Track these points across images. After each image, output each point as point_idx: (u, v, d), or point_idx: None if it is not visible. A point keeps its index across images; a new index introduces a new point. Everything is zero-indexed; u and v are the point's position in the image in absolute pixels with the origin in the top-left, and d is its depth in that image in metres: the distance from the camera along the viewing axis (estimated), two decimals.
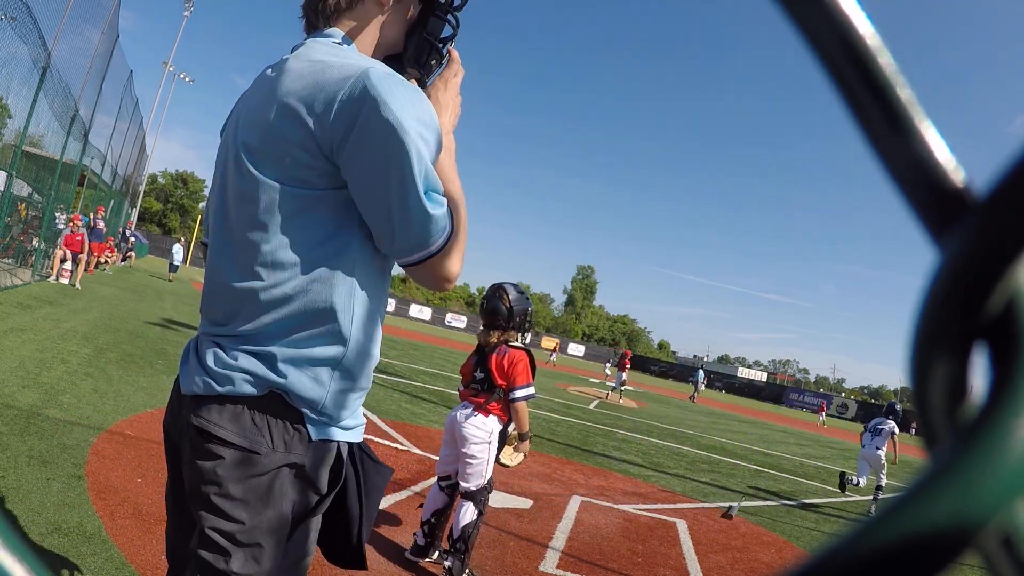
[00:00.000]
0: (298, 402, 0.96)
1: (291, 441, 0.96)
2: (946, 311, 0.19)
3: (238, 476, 0.94)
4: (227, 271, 0.99)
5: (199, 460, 0.95)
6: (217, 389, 0.95)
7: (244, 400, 0.95)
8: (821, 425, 28.60)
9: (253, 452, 0.94)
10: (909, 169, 0.21)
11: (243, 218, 0.97)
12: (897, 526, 0.17)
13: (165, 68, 43.31)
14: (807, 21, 0.22)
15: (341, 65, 0.93)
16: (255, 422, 0.95)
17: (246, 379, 0.94)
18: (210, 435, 0.94)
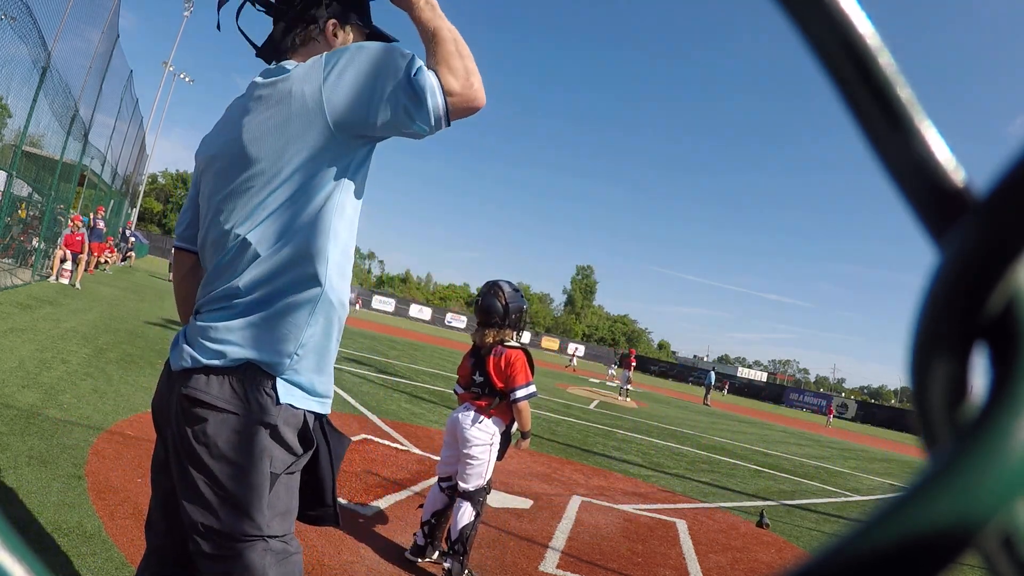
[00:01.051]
0: (269, 368, 1.09)
1: (265, 404, 1.09)
2: (946, 311, 0.19)
3: (222, 434, 1.07)
4: (215, 254, 1.15)
5: (188, 424, 1.09)
6: (202, 361, 1.09)
7: (224, 370, 1.09)
8: (827, 426, 28.63)
9: (232, 413, 1.07)
10: (909, 169, 0.21)
11: (226, 204, 1.14)
12: (897, 526, 0.17)
13: (165, 68, 43.29)
14: (807, 21, 0.22)
15: (303, 65, 1.15)
16: (233, 387, 1.08)
17: (224, 351, 1.08)
18: (197, 400, 1.08)
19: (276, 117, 1.10)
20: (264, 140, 1.11)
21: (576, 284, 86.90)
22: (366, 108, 1.07)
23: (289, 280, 1.10)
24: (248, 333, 1.09)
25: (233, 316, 1.10)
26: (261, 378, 1.09)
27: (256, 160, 1.11)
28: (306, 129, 1.08)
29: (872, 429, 40.48)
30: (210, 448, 1.07)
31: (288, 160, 1.09)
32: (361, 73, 1.08)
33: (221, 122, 1.27)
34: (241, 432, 1.07)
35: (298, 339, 1.11)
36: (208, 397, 1.07)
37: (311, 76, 1.10)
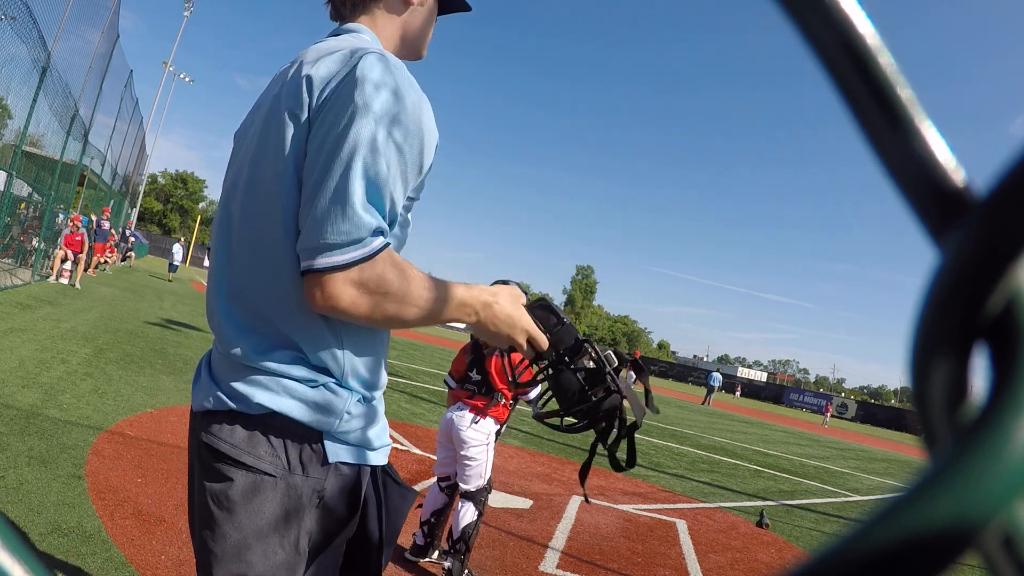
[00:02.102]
0: (314, 422, 0.87)
1: (308, 462, 0.87)
2: (946, 311, 0.19)
3: (247, 499, 0.85)
4: (228, 277, 0.93)
5: (207, 480, 0.87)
6: (229, 404, 0.87)
7: (258, 417, 0.86)
8: (824, 425, 28.64)
9: (266, 474, 0.85)
10: (909, 169, 0.21)
11: (247, 220, 0.91)
12: (897, 526, 0.17)
13: (165, 68, 43.30)
14: (807, 21, 0.22)
15: (345, 48, 0.89)
16: (270, 441, 0.86)
17: (259, 394, 0.86)
18: (220, 453, 0.86)
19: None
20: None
21: (576, 284, 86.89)
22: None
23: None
24: (288, 385, 0.87)
25: (266, 346, 0.89)
26: (304, 429, 0.87)
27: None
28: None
29: (872, 429, 40.47)
30: (232, 515, 0.85)
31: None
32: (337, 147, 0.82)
33: (260, 96, 1.04)
34: (272, 499, 0.85)
35: (345, 383, 0.90)
36: (233, 451, 0.85)
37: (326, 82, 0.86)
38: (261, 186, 0.88)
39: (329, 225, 0.79)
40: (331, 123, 0.82)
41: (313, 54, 0.90)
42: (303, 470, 0.87)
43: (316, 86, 0.84)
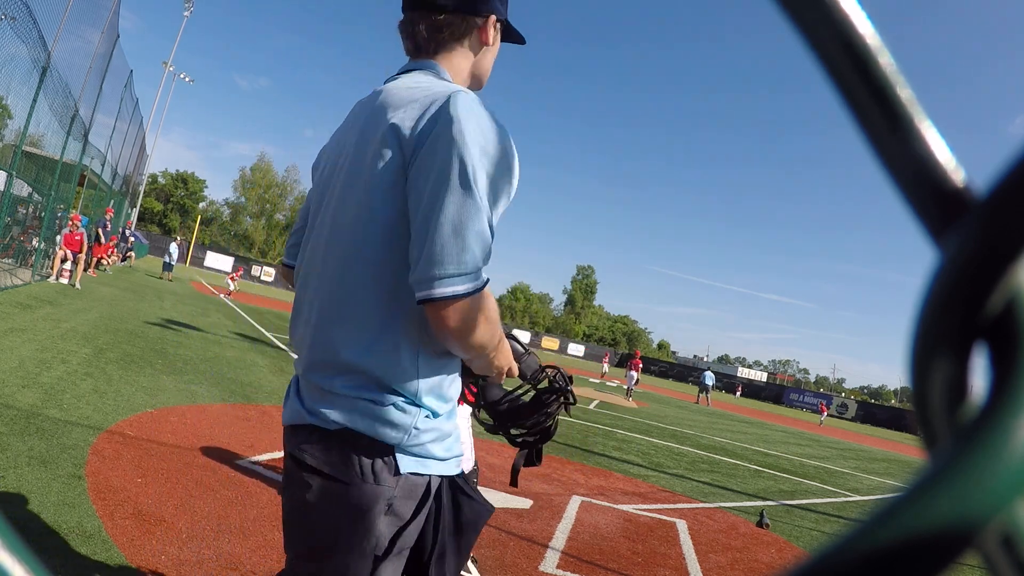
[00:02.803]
0: (384, 436, 0.93)
1: (379, 472, 0.93)
2: (946, 311, 0.19)
3: (324, 506, 0.93)
4: (317, 304, 0.99)
5: (292, 488, 0.97)
6: (307, 419, 0.96)
7: (335, 432, 0.94)
8: (820, 425, 28.65)
9: (340, 482, 0.93)
10: (909, 169, 0.21)
11: (336, 249, 0.97)
12: (897, 526, 0.17)
13: (165, 68, 43.29)
14: (807, 21, 0.22)
15: (433, 87, 0.95)
16: (344, 453, 0.93)
17: (334, 413, 0.93)
18: (304, 463, 0.95)
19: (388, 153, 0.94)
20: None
21: (576, 284, 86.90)
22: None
23: (407, 320, 0.98)
24: (367, 406, 0.94)
25: (346, 368, 0.97)
26: (376, 442, 0.94)
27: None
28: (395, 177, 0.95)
29: (872, 429, 40.46)
30: (311, 519, 0.94)
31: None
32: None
33: (345, 126, 1.09)
34: (346, 506, 0.92)
35: (427, 406, 0.97)
36: (317, 462, 0.94)
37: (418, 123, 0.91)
38: (352, 222, 0.94)
39: (446, 258, 0.86)
40: (433, 163, 0.88)
41: (397, 97, 0.96)
42: (375, 479, 0.93)
43: (408, 130, 0.90)
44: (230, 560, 2.38)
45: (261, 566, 2.39)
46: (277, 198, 68.42)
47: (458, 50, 1.08)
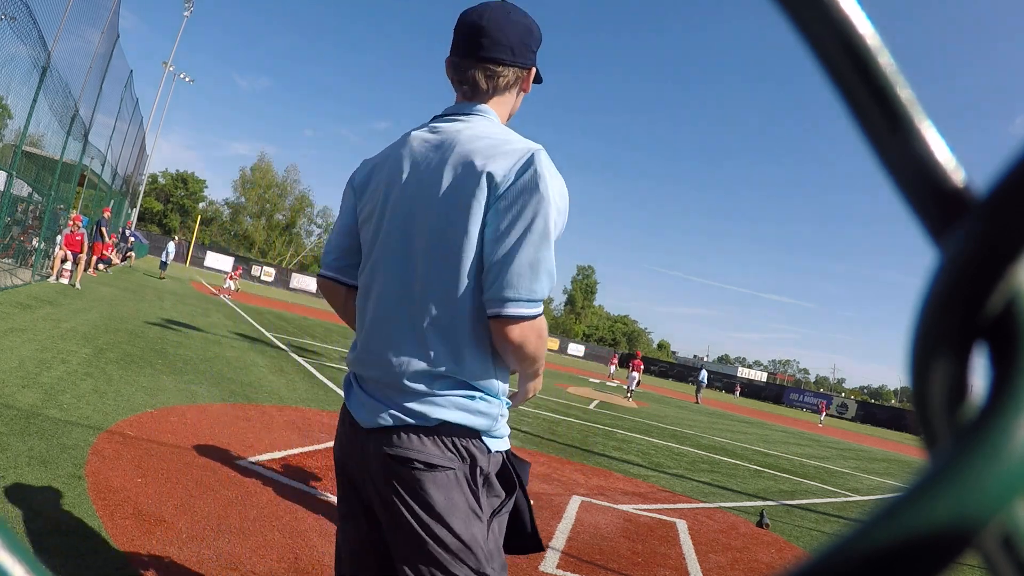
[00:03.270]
0: (478, 424, 1.11)
1: (477, 456, 1.11)
2: (946, 311, 0.19)
3: (441, 491, 1.07)
4: (406, 318, 1.12)
5: (400, 484, 1.09)
6: (409, 421, 1.09)
7: (434, 427, 1.09)
8: (819, 425, 28.64)
9: (449, 468, 1.08)
10: (909, 169, 0.21)
11: (426, 269, 1.10)
12: (897, 526, 0.17)
13: (165, 68, 43.29)
14: (807, 21, 0.22)
15: (515, 140, 1.13)
16: (445, 444, 1.09)
17: (433, 413, 1.08)
18: (407, 459, 1.08)
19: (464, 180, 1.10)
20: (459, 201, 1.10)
21: (576, 284, 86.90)
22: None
23: (484, 331, 1.13)
24: (459, 400, 1.10)
25: (434, 380, 1.10)
26: (467, 430, 1.11)
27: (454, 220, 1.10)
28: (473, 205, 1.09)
29: (872, 429, 40.45)
30: (431, 506, 1.07)
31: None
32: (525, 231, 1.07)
33: (406, 153, 1.19)
34: (459, 486, 1.09)
35: (501, 398, 1.17)
36: (422, 455, 1.08)
37: (498, 167, 1.08)
38: (442, 252, 1.09)
39: (521, 285, 1.05)
40: (520, 210, 1.06)
41: (481, 145, 1.11)
42: (472, 459, 1.10)
43: (500, 178, 1.07)
44: (230, 560, 2.38)
45: (261, 566, 2.39)
46: (277, 198, 68.42)
47: (506, 96, 1.24)
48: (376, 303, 1.17)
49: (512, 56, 1.19)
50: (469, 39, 1.19)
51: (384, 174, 1.21)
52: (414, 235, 1.12)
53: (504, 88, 1.22)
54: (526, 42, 1.21)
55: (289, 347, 10.00)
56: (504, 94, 1.23)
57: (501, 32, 1.18)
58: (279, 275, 53.26)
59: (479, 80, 1.19)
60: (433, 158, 1.14)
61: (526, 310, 1.06)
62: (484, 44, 1.18)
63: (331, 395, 6.53)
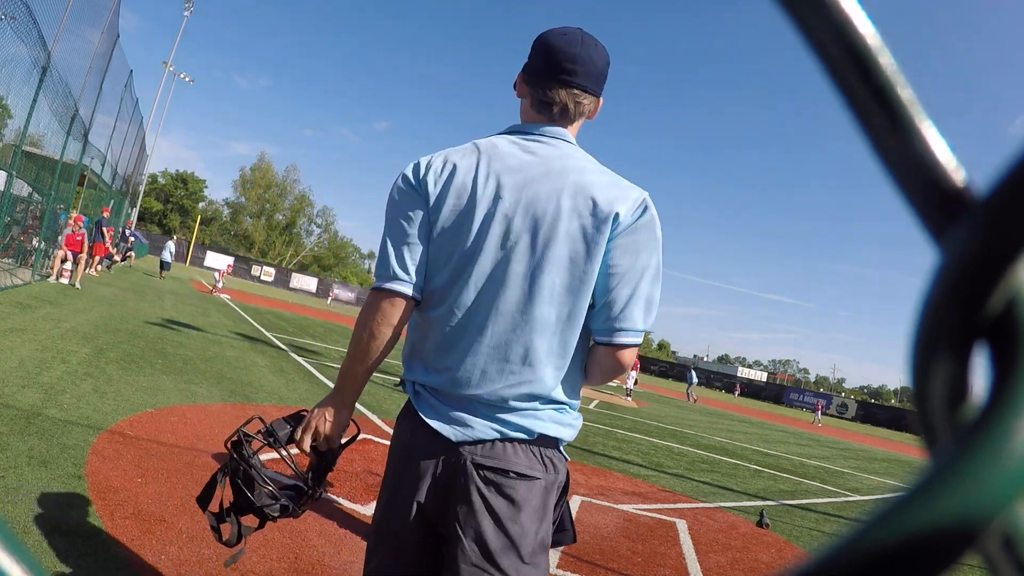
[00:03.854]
0: (566, 436, 1.20)
1: (560, 466, 1.20)
2: (946, 311, 0.19)
3: (531, 499, 1.14)
4: (519, 339, 1.15)
5: (495, 492, 1.13)
6: (509, 434, 1.15)
7: (527, 441, 1.16)
8: (816, 424, 28.63)
9: (537, 479, 1.15)
10: (909, 169, 0.21)
11: (545, 295, 1.14)
12: (897, 526, 0.17)
13: (165, 68, 43.29)
14: (807, 21, 0.22)
15: (625, 181, 1.22)
16: (536, 455, 1.16)
17: (532, 427, 1.15)
18: (502, 471, 1.13)
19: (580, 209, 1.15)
20: (564, 220, 1.14)
21: None
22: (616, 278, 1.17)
23: (578, 356, 1.21)
24: (554, 415, 1.18)
25: (538, 398, 1.16)
26: (550, 442, 1.19)
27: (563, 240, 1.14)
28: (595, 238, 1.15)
29: (872, 429, 40.43)
30: (521, 513, 1.13)
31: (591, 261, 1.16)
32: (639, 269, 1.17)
33: (498, 168, 1.17)
34: (545, 494, 1.17)
35: (577, 410, 1.25)
36: (519, 467, 1.14)
37: (617, 203, 1.15)
38: (570, 277, 1.14)
39: (637, 318, 1.16)
40: (638, 251, 1.16)
41: (600, 182, 1.17)
42: (555, 469, 1.19)
43: (623, 218, 1.15)
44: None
45: (261, 566, 2.39)
46: (277, 198, 68.39)
47: (580, 122, 1.29)
48: (482, 324, 1.15)
49: (596, 86, 1.24)
50: (559, 64, 1.20)
51: (473, 185, 1.16)
52: (533, 261, 1.14)
53: (583, 115, 1.27)
54: (605, 73, 1.26)
55: (289, 347, 10.00)
56: (581, 120, 1.28)
57: (591, 63, 1.22)
58: (279, 275, 53.24)
59: (569, 105, 1.23)
60: (543, 183, 1.16)
61: (635, 339, 1.17)
62: (578, 72, 1.21)
63: None
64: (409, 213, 1.18)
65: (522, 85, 1.27)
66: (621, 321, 1.15)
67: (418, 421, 1.18)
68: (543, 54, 1.22)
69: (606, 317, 1.15)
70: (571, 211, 1.14)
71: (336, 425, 1.22)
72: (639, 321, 1.16)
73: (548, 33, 1.24)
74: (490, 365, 1.15)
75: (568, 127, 1.26)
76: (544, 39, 1.23)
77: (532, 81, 1.24)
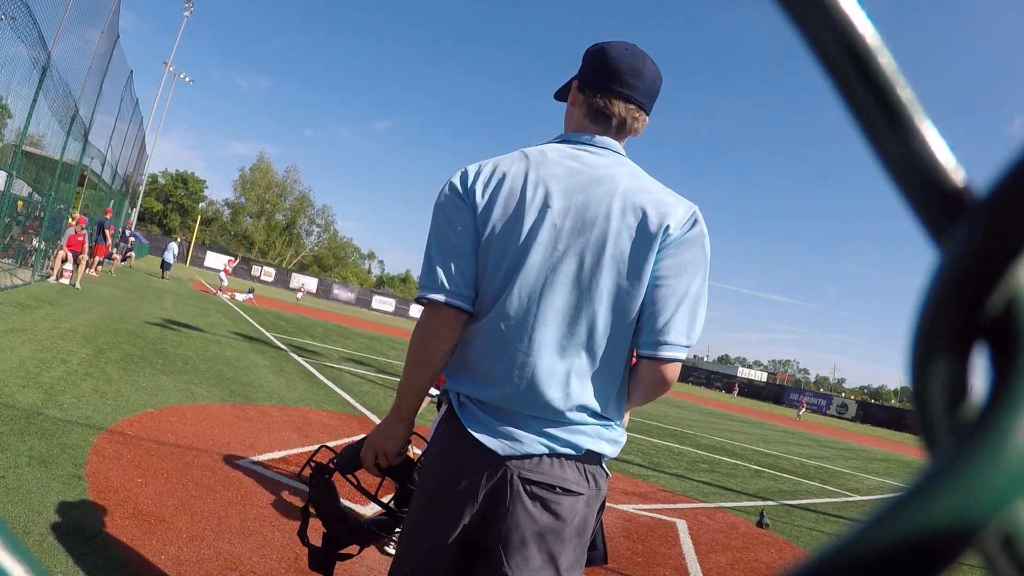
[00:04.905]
0: (611, 452, 1.19)
1: (601, 482, 1.19)
2: (946, 311, 0.19)
3: (575, 514, 1.14)
4: (571, 354, 1.13)
5: (540, 507, 1.12)
6: (558, 450, 1.13)
7: (573, 456, 1.15)
8: (798, 419, 28.68)
9: (581, 494, 1.14)
10: (909, 169, 0.21)
11: (598, 309, 1.12)
12: (897, 526, 0.17)
13: (165, 68, 43.29)
14: (807, 21, 0.22)
15: (675, 194, 1.20)
16: (581, 472, 1.15)
17: (580, 443, 1.13)
18: (549, 486, 1.12)
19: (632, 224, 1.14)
20: (625, 236, 1.13)
21: None
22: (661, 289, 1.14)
23: (625, 372, 1.19)
24: (600, 430, 1.17)
25: (587, 412, 1.15)
26: (595, 459, 1.18)
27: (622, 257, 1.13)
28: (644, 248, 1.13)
29: (872, 429, 40.42)
30: (564, 528, 1.13)
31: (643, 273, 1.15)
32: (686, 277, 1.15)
33: (547, 176, 1.15)
34: (588, 510, 1.16)
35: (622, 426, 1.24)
36: (565, 482, 1.13)
37: (669, 216, 1.13)
38: (621, 291, 1.12)
39: (680, 332, 1.13)
40: (686, 264, 1.13)
41: (653, 195, 1.15)
42: (598, 485, 1.18)
43: (674, 232, 1.13)
44: (230, 560, 2.38)
45: (261, 566, 2.39)
46: (277, 198, 68.41)
47: (630, 137, 1.28)
48: (529, 335, 1.13)
49: (650, 104, 1.25)
50: (620, 77, 1.20)
51: (522, 194, 1.14)
52: (581, 272, 1.12)
53: (635, 132, 1.26)
54: (657, 95, 1.27)
55: (289, 347, 10.00)
56: (632, 135, 1.27)
57: (651, 81, 1.23)
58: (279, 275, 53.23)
59: (627, 118, 1.23)
60: (593, 194, 1.14)
61: (679, 353, 1.13)
62: (639, 88, 1.21)
63: (331, 395, 6.53)
64: (457, 222, 1.16)
65: (575, 93, 1.26)
66: (666, 334, 1.12)
67: (464, 432, 1.15)
68: (605, 65, 1.21)
69: (651, 329, 1.12)
70: (620, 220, 1.12)
71: (393, 440, 1.24)
72: (683, 336, 1.13)
73: (609, 45, 1.23)
74: (538, 377, 1.12)
75: (623, 142, 1.25)
76: (605, 50, 1.22)
77: (590, 90, 1.22)
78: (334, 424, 5.17)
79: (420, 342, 1.17)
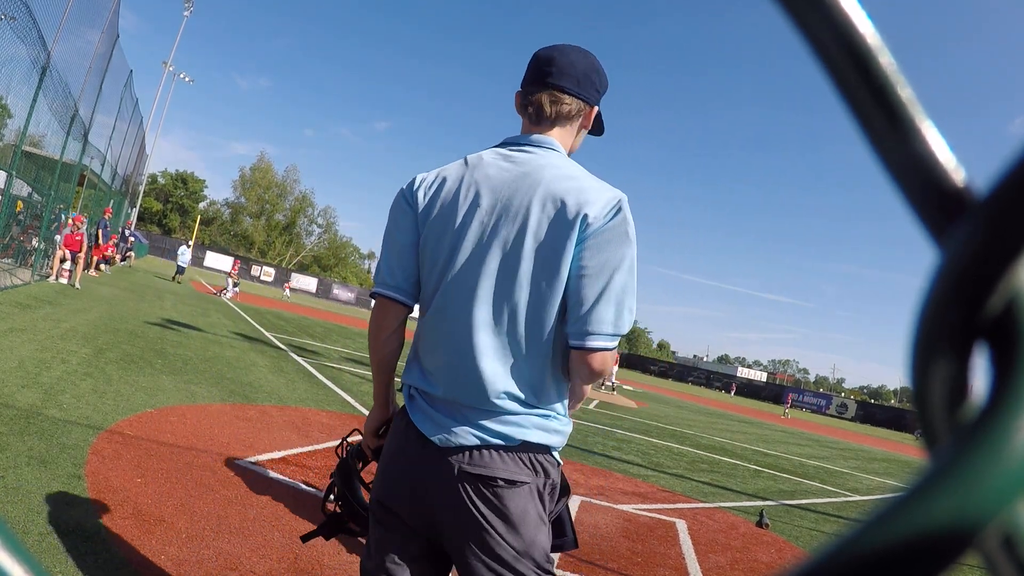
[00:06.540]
0: (552, 441, 1.20)
1: (549, 469, 1.20)
2: (946, 311, 0.19)
3: (519, 504, 1.15)
4: (495, 344, 1.16)
5: (479, 499, 1.14)
6: (492, 441, 1.15)
7: (515, 445, 1.16)
8: (784, 416, 28.72)
9: (525, 483, 1.16)
10: (909, 168, 0.21)
11: (517, 300, 1.14)
12: (897, 526, 0.17)
13: (165, 68, 43.29)
14: (807, 21, 0.22)
15: (601, 183, 1.20)
16: (523, 461, 1.17)
17: (514, 434, 1.15)
18: (489, 477, 1.14)
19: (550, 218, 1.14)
20: (535, 227, 1.14)
21: None
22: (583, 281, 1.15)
23: (559, 358, 1.19)
24: (537, 420, 1.18)
25: (517, 402, 1.17)
26: (542, 447, 1.19)
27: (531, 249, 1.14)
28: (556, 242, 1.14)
29: (872, 429, 40.44)
30: (508, 518, 1.14)
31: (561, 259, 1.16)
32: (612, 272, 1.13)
33: (480, 178, 1.21)
34: (533, 498, 1.18)
35: (566, 416, 1.25)
36: (505, 473, 1.14)
37: (587, 206, 1.13)
38: (540, 281, 1.14)
39: (608, 321, 1.12)
40: (609, 251, 1.13)
41: (563, 180, 1.16)
42: (545, 473, 1.19)
43: (593, 219, 1.12)
44: (230, 560, 2.38)
45: (261, 566, 2.39)
46: (277, 198, 68.36)
47: (568, 128, 1.29)
48: (459, 327, 1.18)
49: (576, 87, 1.25)
50: (538, 68, 1.26)
51: (455, 196, 1.21)
52: (504, 264, 1.15)
53: (566, 117, 1.27)
54: (590, 77, 1.28)
55: (289, 347, 10.00)
56: (566, 125, 1.28)
57: (568, 64, 1.25)
58: (279, 275, 53.22)
59: (543, 103, 1.25)
60: (518, 189, 1.17)
61: (609, 343, 1.14)
62: (552, 72, 1.24)
63: (331, 395, 6.53)
64: (402, 224, 1.26)
65: (517, 99, 1.31)
66: (590, 323, 1.12)
67: (410, 424, 1.22)
68: (528, 68, 1.29)
69: (576, 319, 1.13)
70: (540, 211, 1.14)
71: (369, 422, 1.40)
72: (610, 325, 1.13)
73: (537, 50, 1.30)
74: (469, 369, 1.16)
75: (552, 131, 1.26)
76: (533, 55, 1.30)
77: (520, 94, 1.29)
78: (334, 424, 5.17)
79: (370, 332, 1.32)
